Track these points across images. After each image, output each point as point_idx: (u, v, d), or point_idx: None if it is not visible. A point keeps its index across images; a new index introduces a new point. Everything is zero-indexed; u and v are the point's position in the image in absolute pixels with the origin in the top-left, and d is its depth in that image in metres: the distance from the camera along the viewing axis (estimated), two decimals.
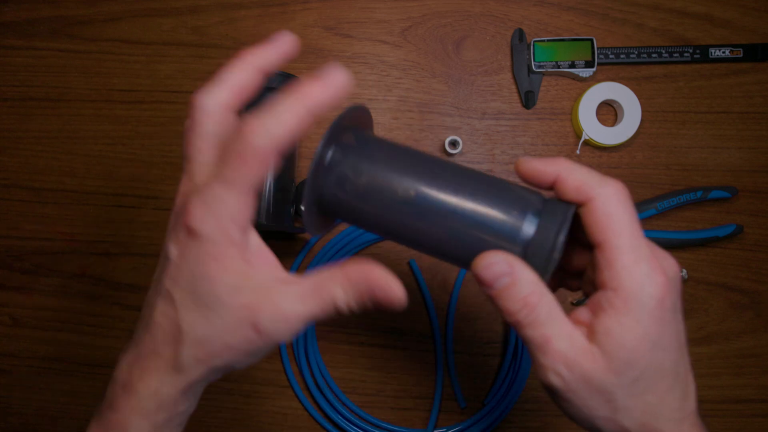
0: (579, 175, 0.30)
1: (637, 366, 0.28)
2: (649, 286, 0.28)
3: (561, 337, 0.29)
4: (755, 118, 0.58)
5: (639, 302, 0.28)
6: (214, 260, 0.29)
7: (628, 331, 0.28)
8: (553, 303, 0.29)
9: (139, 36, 0.59)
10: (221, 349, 0.29)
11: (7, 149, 0.58)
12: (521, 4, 0.58)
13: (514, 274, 0.29)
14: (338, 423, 0.55)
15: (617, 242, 0.28)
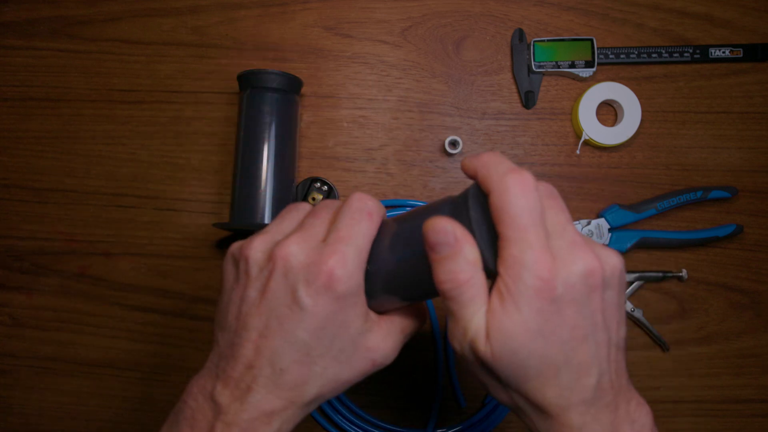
0: (485, 171, 0.30)
1: (518, 354, 0.29)
2: (531, 278, 0.28)
3: (470, 321, 0.30)
4: (755, 118, 0.58)
5: (520, 291, 0.28)
6: (353, 309, 0.32)
7: (509, 319, 0.29)
8: (481, 289, 0.30)
9: (139, 36, 0.59)
10: (342, 385, 0.33)
11: (7, 149, 0.58)
12: (521, 4, 0.58)
13: (456, 247, 0.30)
14: (338, 423, 0.55)
15: (507, 233, 0.29)
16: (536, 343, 0.29)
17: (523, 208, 0.29)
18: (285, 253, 0.31)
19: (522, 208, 0.29)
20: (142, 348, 0.57)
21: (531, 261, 0.28)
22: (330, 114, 0.58)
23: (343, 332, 0.32)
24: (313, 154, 0.57)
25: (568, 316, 0.29)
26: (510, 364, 0.29)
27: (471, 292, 0.30)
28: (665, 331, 0.56)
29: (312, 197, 0.55)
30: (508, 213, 0.29)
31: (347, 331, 0.32)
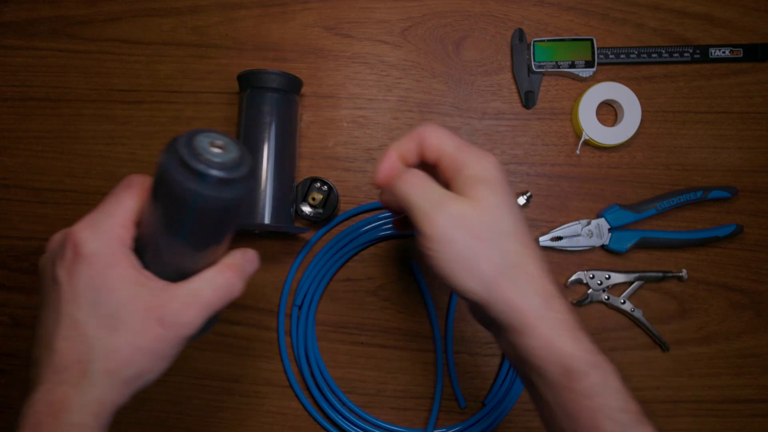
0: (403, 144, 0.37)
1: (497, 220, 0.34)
2: (487, 170, 0.35)
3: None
4: (755, 118, 0.58)
5: (485, 180, 0.35)
6: (110, 270, 0.31)
7: (478, 198, 0.34)
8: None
9: (139, 36, 0.59)
10: (131, 354, 0.31)
11: (7, 149, 0.58)
12: (521, 4, 0.58)
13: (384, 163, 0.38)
14: (338, 423, 0.55)
15: (452, 155, 0.36)
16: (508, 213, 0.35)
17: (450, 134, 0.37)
18: (50, 241, 0.34)
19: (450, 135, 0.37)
20: None
21: (484, 159, 0.36)
22: (330, 114, 0.58)
23: (106, 297, 0.31)
24: (313, 154, 0.57)
25: (512, 197, 0.36)
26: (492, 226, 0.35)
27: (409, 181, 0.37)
28: (665, 331, 0.56)
29: (312, 197, 0.55)
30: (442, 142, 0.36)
31: (112, 295, 0.31)
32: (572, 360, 0.31)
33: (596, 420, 0.31)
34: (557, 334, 0.32)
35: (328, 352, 0.56)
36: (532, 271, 0.33)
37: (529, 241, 0.35)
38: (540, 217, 0.57)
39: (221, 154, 0.30)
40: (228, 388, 0.56)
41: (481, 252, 0.33)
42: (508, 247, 0.33)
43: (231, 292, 0.34)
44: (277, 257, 0.57)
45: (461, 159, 0.35)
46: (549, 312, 0.32)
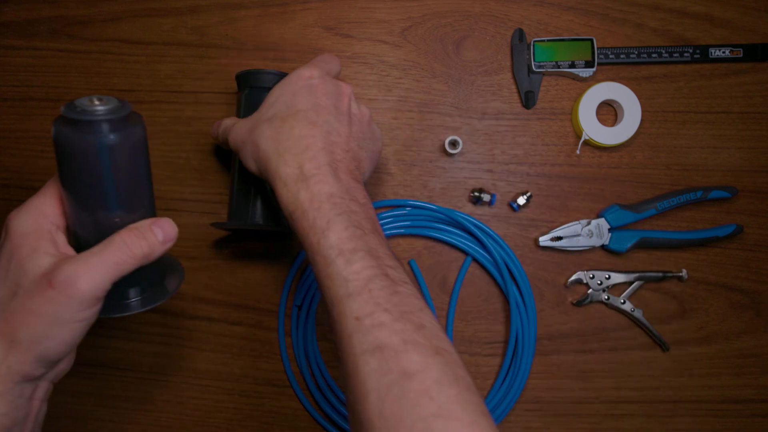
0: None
1: (273, 105, 0.44)
2: (295, 72, 0.45)
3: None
4: (755, 118, 0.58)
5: (286, 79, 0.46)
6: (24, 243, 0.34)
7: (272, 91, 0.46)
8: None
9: (139, 36, 0.59)
10: (25, 316, 0.32)
11: (7, 149, 0.58)
12: (521, 4, 0.58)
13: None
14: (338, 423, 0.55)
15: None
16: (285, 97, 0.44)
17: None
18: None
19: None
20: (142, 348, 0.57)
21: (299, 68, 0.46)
22: None
23: (15, 267, 0.34)
24: None
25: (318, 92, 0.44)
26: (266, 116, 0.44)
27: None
28: (665, 331, 0.56)
29: None
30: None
31: (20, 265, 0.33)
32: (294, 205, 0.39)
33: (312, 255, 0.38)
34: (289, 182, 0.40)
35: (328, 352, 0.56)
36: (281, 139, 0.42)
37: (301, 112, 0.43)
38: (540, 217, 0.57)
39: (100, 104, 0.33)
40: (228, 388, 0.56)
41: (251, 145, 0.44)
42: (273, 129, 0.43)
43: (131, 254, 0.35)
44: (277, 257, 0.57)
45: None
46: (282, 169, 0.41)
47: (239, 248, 0.57)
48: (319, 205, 0.38)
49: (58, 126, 0.33)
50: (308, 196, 0.39)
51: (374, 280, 0.35)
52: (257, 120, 0.44)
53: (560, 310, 0.56)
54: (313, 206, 0.38)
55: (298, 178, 0.40)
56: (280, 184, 0.40)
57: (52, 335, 0.33)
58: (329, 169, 0.40)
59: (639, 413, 0.56)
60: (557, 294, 0.57)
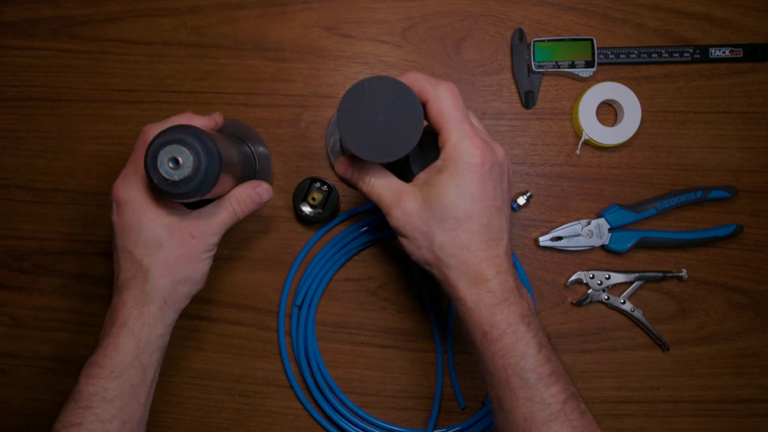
0: (419, 82, 0.41)
1: (448, 208, 0.40)
2: (467, 155, 0.39)
3: (383, 187, 0.43)
4: (755, 118, 0.58)
5: (458, 166, 0.39)
6: (144, 209, 0.42)
7: (444, 183, 0.40)
8: (371, 168, 0.43)
9: (139, 36, 0.59)
10: (177, 259, 0.43)
11: (7, 149, 0.58)
12: (521, 4, 0.58)
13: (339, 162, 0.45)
14: (338, 423, 0.55)
15: (447, 127, 0.40)
16: (464, 201, 0.39)
17: (458, 108, 0.40)
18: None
19: (458, 108, 0.40)
20: None
21: (468, 147, 0.40)
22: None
23: (147, 228, 0.42)
24: (313, 154, 0.57)
25: (489, 189, 0.40)
26: (441, 217, 0.40)
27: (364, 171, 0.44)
28: (665, 331, 0.56)
29: (312, 197, 0.55)
30: (446, 112, 0.40)
31: (151, 225, 0.42)
32: (489, 326, 0.39)
33: (507, 376, 0.38)
34: (479, 307, 0.39)
35: (328, 352, 0.56)
36: (467, 258, 0.40)
37: (479, 228, 0.40)
38: (540, 217, 0.57)
39: (174, 170, 0.40)
40: (228, 388, 0.56)
41: (425, 242, 0.41)
42: (449, 238, 0.40)
43: (237, 216, 0.46)
44: (277, 257, 0.57)
45: (443, 134, 0.41)
46: (474, 290, 0.40)
47: (239, 248, 0.57)
48: (515, 328, 0.39)
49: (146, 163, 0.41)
50: (505, 319, 0.39)
51: (568, 403, 0.38)
52: (435, 219, 0.40)
53: (560, 310, 0.56)
54: (510, 330, 0.39)
55: (492, 302, 0.39)
56: (470, 306, 0.40)
57: (198, 270, 0.44)
58: (516, 289, 0.40)
59: (639, 413, 0.56)
60: (557, 294, 0.57)
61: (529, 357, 0.38)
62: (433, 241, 0.40)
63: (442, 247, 0.40)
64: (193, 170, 0.40)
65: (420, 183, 0.42)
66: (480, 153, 0.39)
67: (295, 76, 0.58)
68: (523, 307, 0.40)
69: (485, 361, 0.40)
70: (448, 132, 0.40)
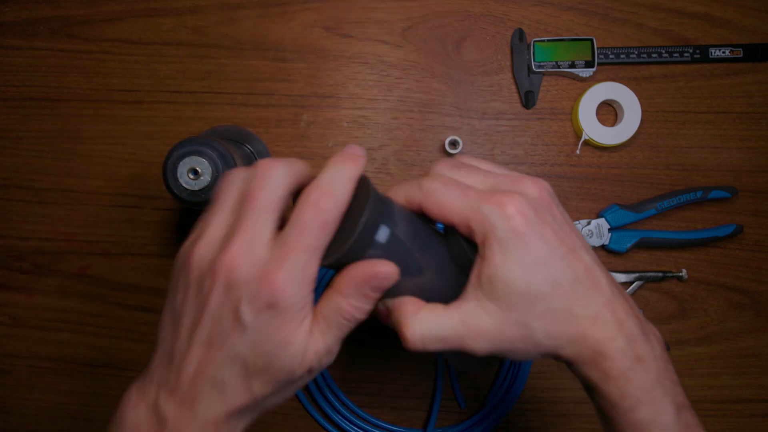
0: (402, 192, 0.33)
1: (531, 289, 0.31)
2: (502, 221, 0.30)
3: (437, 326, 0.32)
4: (755, 118, 0.58)
5: (501, 239, 0.30)
6: (293, 326, 0.30)
7: (505, 267, 0.30)
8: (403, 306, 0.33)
9: (139, 36, 0.59)
10: (273, 396, 0.31)
11: (7, 149, 0.58)
12: (521, 4, 0.58)
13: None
14: (338, 423, 0.55)
15: (458, 212, 0.32)
16: (539, 271, 0.31)
17: (448, 190, 0.32)
18: (228, 266, 0.29)
19: (448, 191, 0.32)
20: (142, 348, 0.57)
21: (491, 209, 0.31)
22: (330, 114, 0.58)
23: (281, 350, 0.30)
24: (313, 154, 0.57)
25: (549, 235, 0.31)
26: (527, 305, 0.31)
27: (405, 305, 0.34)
28: (665, 331, 0.56)
29: None
30: (443, 202, 0.32)
31: (286, 348, 0.30)
32: (619, 398, 0.32)
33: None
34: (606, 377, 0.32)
35: None
36: (578, 331, 0.32)
37: (570, 286, 0.31)
38: None
39: (193, 181, 0.40)
40: None
41: (530, 345, 0.32)
42: (548, 322, 0.32)
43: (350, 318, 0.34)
44: None
45: (458, 226, 0.32)
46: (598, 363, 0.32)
47: None
48: (652, 396, 0.32)
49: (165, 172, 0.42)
50: (638, 386, 0.32)
51: None
52: (521, 314, 0.31)
53: None
54: (646, 399, 0.32)
55: (622, 368, 0.32)
56: (595, 380, 0.32)
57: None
58: (642, 336, 0.33)
59: None
60: None
61: (670, 429, 0.32)
62: (536, 338, 0.32)
63: (549, 333, 0.32)
64: (212, 179, 0.41)
65: (475, 285, 0.32)
66: (512, 208, 0.31)
67: (295, 76, 0.58)
68: (656, 363, 0.32)
69: (614, 424, 0.33)
70: (463, 215, 0.32)
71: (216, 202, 0.32)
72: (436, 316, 0.32)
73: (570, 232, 0.33)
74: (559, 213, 0.33)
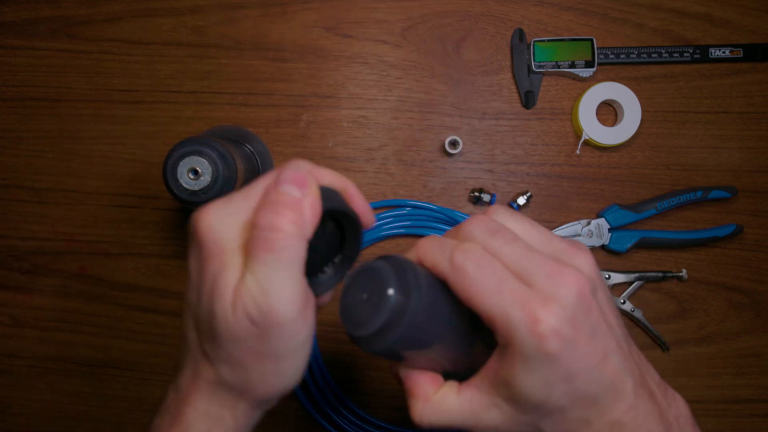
0: (430, 256, 0.29)
1: (547, 404, 0.28)
2: (530, 336, 0.26)
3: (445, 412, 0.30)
4: (755, 118, 0.58)
5: (525, 352, 0.26)
6: (218, 267, 0.30)
7: (524, 379, 0.27)
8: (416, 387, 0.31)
9: (139, 36, 0.59)
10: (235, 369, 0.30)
11: (7, 149, 0.58)
12: (521, 4, 0.58)
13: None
14: (338, 423, 0.55)
15: (484, 308, 0.27)
16: (560, 388, 0.27)
17: (483, 276, 0.27)
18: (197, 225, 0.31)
19: (482, 277, 0.27)
20: (142, 348, 0.57)
21: (519, 322, 0.26)
22: (330, 114, 0.58)
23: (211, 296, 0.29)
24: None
25: (582, 349, 0.27)
26: (544, 413, 0.28)
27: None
28: (665, 331, 0.56)
29: None
30: (472, 290, 0.27)
31: (215, 293, 0.29)
32: None
33: None
34: None
35: (328, 352, 0.56)
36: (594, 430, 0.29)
37: (594, 395, 0.28)
38: (540, 217, 0.57)
39: (193, 181, 0.41)
40: None
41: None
42: (564, 425, 0.29)
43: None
44: None
45: (498, 329, 0.28)
46: None
47: None
48: None
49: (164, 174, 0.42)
50: None
51: None
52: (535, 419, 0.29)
53: None
54: None
55: None
56: None
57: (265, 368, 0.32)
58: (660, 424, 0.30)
59: None
60: None
61: None
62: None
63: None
64: (212, 179, 0.41)
65: (492, 382, 0.29)
66: (545, 324, 0.26)
67: (295, 76, 0.58)
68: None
69: None
70: (488, 312, 0.27)
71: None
72: (447, 405, 0.30)
73: (607, 335, 0.28)
74: (598, 314, 0.28)
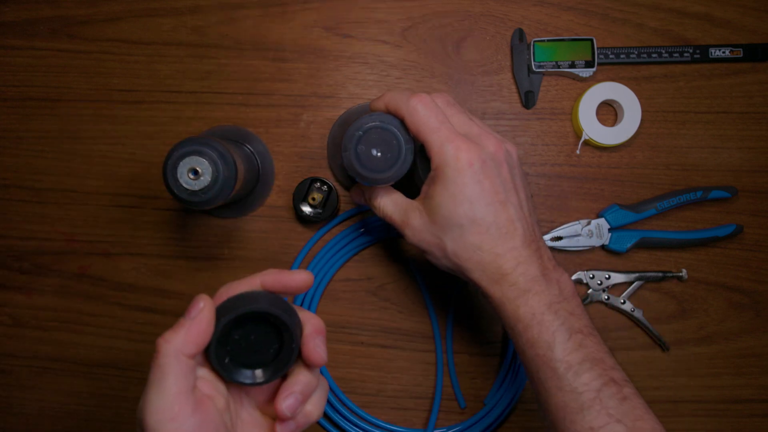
0: (395, 101, 0.42)
1: (449, 218, 0.40)
2: (451, 160, 0.40)
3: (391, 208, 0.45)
4: (755, 118, 0.58)
5: (446, 173, 0.40)
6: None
7: (440, 194, 0.41)
8: (379, 191, 0.46)
9: (139, 36, 0.59)
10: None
11: (7, 149, 0.58)
12: (521, 4, 0.58)
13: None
14: (338, 423, 0.55)
15: (427, 138, 0.41)
16: (463, 207, 0.40)
17: (429, 116, 0.41)
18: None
19: (428, 116, 0.41)
20: (142, 348, 0.57)
21: (452, 151, 0.40)
22: (330, 114, 0.58)
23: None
24: (313, 154, 0.57)
25: (487, 186, 0.40)
26: (448, 227, 0.41)
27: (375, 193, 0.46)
28: (665, 331, 0.56)
29: (312, 197, 0.55)
30: (421, 123, 0.40)
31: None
32: (515, 320, 0.40)
33: (536, 366, 0.39)
34: (503, 301, 0.40)
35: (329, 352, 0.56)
36: (482, 258, 0.40)
37: (487, 228, 0.40)
38: (540, 217, 0.57)
39: (193, 181, 0.41)
40: None
41: (440, 253, 0.42)
42: (459, 245, 0.41)
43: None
44: (277, 257, 0.57)
45: (426, 146, 0.41)
46: (496, 287, 0.40)
47: (239, 248, 0.57)
48: (541, 319, 0.39)
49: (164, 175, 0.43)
50: (529, 311, 0.39)
51: (603, 390, 0.37)
52: (441, 231, 0.42)
53: None
54: (535, 321, 0.39)
55: (515, 295, 0.40)
56: (496, 302, 0.41)
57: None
58: (541, 277, 0.40)
59: None
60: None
61: (557, 346, 0.38)
62: (447, 251, 0.41)
63: (456, 254, 0.41)
64: (212, 179, 0.42)
65: (423, 197, 0.43)
66: (465, 154, 0.40)
67: (295, 76, 0.58)
68: (550, 294, 0.40)
69: (519, 353, 0.41)
70: (430, 142, 0.41)
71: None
72: (395, 203, 0.45)
73: (511, 190, 0.41)
74: (507, 173, 0.42)
